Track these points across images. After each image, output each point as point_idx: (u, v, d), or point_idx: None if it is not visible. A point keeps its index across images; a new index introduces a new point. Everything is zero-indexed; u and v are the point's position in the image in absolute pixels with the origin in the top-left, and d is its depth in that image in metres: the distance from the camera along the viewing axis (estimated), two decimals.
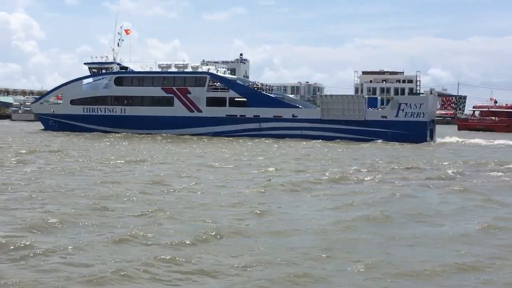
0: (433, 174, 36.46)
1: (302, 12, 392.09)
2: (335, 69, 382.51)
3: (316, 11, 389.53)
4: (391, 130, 74.64)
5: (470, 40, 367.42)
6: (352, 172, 36.09)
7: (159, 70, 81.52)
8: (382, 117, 76.04)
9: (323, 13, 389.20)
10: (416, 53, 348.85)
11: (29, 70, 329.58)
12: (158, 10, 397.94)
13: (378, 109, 79.16)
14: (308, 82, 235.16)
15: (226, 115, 78.38)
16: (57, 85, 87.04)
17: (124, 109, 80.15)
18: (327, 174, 34.53)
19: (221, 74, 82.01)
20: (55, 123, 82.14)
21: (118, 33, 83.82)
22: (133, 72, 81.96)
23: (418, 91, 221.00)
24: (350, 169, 37.69)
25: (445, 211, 23.57)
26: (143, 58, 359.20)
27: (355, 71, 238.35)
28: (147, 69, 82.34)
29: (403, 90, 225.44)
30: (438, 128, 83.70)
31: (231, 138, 73.08)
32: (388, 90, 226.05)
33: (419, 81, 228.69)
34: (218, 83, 79.66)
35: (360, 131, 75.36)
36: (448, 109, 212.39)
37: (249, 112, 77.94)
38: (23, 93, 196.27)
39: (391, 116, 75.54)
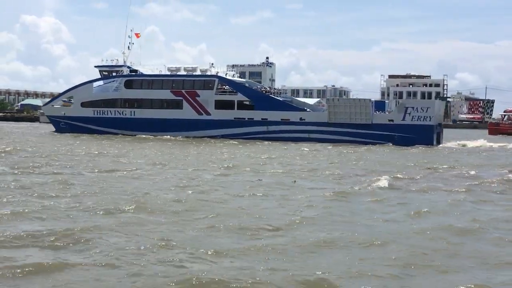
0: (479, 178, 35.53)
1: (329, 15, 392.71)
2: (361, 73, 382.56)
3: (343, 14, 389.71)
4: (397, 133, 74.77)
5: (498, 44, 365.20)
6: (399, 177, 35.24)
7: (169, 73, 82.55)
8: (389, 120, 76.19)
9: (350, 16, 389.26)
10: (443, 57, 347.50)
11: (58, 73, 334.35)
12: (186, 13, 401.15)
13: (385, 112, 79.17)
14: (334, 86, 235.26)
15: (234, 118, 79.14)
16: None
17: (134, 112, 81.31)
18: (379, 182, 32.34)
19: (230, 78, 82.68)
20: (66, 125, 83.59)
21: (129, 36, 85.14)
22: (142, 75, 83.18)
23: (445, 95, 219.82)
24: (392, 175, 36.12)
25: None
26: (170, 61, 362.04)
27: (382, 75, 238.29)
28: (157, 72, 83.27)
29: (430, 94, 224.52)
30: (467, 132, 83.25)
31: (271, 142, 73.11)
32: (414, 94, 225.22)
33: (446, 85, 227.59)
34: (227, 86, 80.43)
35: (366, 134, 75.64)
36: (476, 113, 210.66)
37: (257, 115, 78.63)
38: (52, 96, 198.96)
39: (398, 119, 75.64)
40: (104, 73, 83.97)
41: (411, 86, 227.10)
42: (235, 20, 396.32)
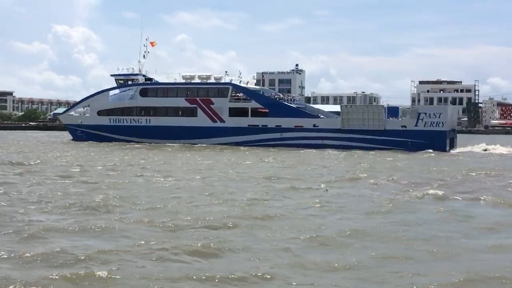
0: None
1: (358, 22, 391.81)
2: (391, 79, 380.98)
3: (372, 20, 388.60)
4: (410, 139, 74.70)
5: None
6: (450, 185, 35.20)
7: (183, 81, 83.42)
8: (402, 126, 76.15)
9: (379, 22, 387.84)
10: (475, 62, 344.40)
11: (89, 82, 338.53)
12: (215, 21, 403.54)
13: (399, 118, 79.15)
14: (364, 92, 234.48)
15: (248, 125, 79.75)
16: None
17: (149, 120, 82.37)
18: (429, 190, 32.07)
19: (244, 85, 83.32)
20: (82, 133, 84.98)
21: (144, 45, 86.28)
22: (158, 83, 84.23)
23: (476, 101, 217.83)
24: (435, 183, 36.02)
25: None
26: (200, 69, 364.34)
27: (412, 81, 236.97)
28: (172, 81, 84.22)
29: (461, 99, 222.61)
30: (499, 137, 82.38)
31: (297, 149, 73.24)
32: (445, 99, 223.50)
33: (478, 90, 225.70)
34: (241, 94, 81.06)
35: (380, 140, 75.70)
36: (508, 119, 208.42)
37: (271, 122, 79.16)
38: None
39: (411, 125, 75.57)
40: (120, 81, 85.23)
41: (442, 91, 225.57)
42: (265, 28, 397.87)
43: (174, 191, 30.02)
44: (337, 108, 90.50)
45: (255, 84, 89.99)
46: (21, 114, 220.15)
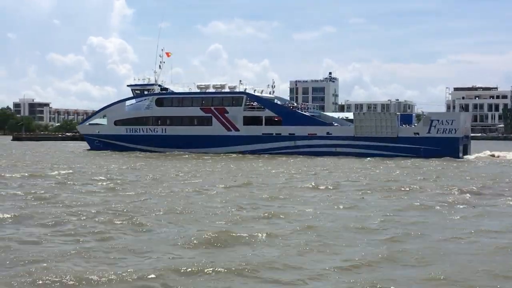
0: None
1: (392, 29, 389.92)
2: (426, 86, 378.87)
3: (406, 27, 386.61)
4: (423, 146, 74.75)
5: None
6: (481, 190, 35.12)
7: (198, 90, 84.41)
8: (415, 133, 76.20)
9: (413, 29, 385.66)
10: (510, 68, 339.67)
11: (124, 92, 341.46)
12: (249, 30, 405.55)
13: (412, 125, 79.07)
14: (398, 100, 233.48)
15: (263, 134, 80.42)
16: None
17: (165, 129, 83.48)
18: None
19: (258, 94, 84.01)
20: (100, 143, 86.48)
21: (160, 55, 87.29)
22: (173, 93, 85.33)
23: None
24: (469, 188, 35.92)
25: None
26: (232, 78, 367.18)
27: (447, 88, 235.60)
28: (187, 90, 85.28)
29: (497, 106, 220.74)
30: None
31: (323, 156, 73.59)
32: (481, 106, 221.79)
33: None
34: (255, 103, 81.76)
35: (392, 147, 75.89)
36: None
37: (285, 130, 79.78)
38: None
39: (423, 132, 75.60)
40: (136, 91, 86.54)
41: (477, 98, 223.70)
42: (298, 36, 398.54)
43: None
44: (351, 115, 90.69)
45: (285, 93, 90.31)
46: (57, 125, 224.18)
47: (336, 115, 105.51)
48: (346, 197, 31.81)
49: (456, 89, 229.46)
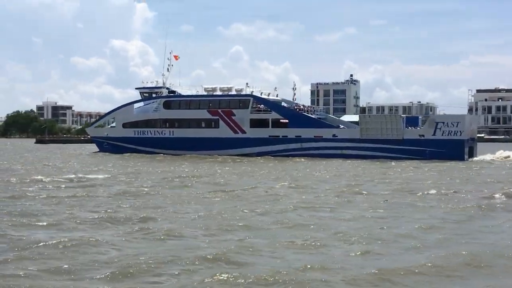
0: None
1: (413, 30, 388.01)
2: (448, 88, 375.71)
3: (428, 28, 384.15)
4: (428, 148, 74.82)
5: None
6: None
7: (205, 93, 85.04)
8: (420, 135, 76.25)
9: (435, 30, 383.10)
10: None
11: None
12: (270, 32, 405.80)
13: (417, 128, 79.09)
14: (420, 102, 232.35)
15: (269, 136, 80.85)
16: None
17: (173, 131, 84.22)
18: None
19: (264, 97, 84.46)
20: (108, 145, 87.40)
21: (168, 58, 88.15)
22: (180, 96, 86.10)
23: None
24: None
25: None
26: (253, 80, 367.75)
27: (469, 90, 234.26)
28: (194, 93, 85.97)
29: None
30: None
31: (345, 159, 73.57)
32: (504, 108, 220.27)
33: None
34: (262, 105, 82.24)
35: (398, 150, 76.05)
36: None
37: (291, 132, 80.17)
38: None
39: (429, 134, 75.69)
40: (144, 94, 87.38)
41: (500, 100, 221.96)
42: (320, 38, 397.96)
43: None
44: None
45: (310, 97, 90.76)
46: (79, 127, 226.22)
47: (344, 118, 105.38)
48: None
49: (478, 91, 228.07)
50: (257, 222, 24.29)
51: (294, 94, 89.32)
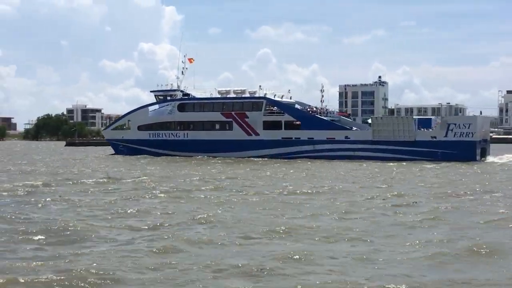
0: None
1: (443, 31, 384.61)
2: (478, 89, 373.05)
3: (458, 30, 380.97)
4: (440, 150, 74.89)
5: None
6: None
7: (219, 96, 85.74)
8: (432, 137, 76.31)
9: (465, 32, 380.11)
10: None
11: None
12: (298, 35, 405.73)
13: (430, 130, 79.00)
14: (449, 103, 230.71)
15: (282, 138, 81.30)
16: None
17: (187, 134, 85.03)
18: None
19: (278, 99, 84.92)
20: (124, 148, 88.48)
21: (182, 61, 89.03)
22: (195, 98, 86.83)
23: None
24: None
25: None
26: (281, 83, 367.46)
27: (499, 91, 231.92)
28: (208, 95, 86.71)
29: None
30: None
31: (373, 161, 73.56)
32: None
33: None
34: (275, 107, 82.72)
35: (410, 151, 76.22)
36: None
37: (304, 134, 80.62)
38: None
39: (441, 136, 75.75)
40: (159, 97, 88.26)
41: None
42: (348, 40, 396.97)
43: None
44: None
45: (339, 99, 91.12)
46: None
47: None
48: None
49: (509, 91, 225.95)
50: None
51: (322, 96, 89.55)
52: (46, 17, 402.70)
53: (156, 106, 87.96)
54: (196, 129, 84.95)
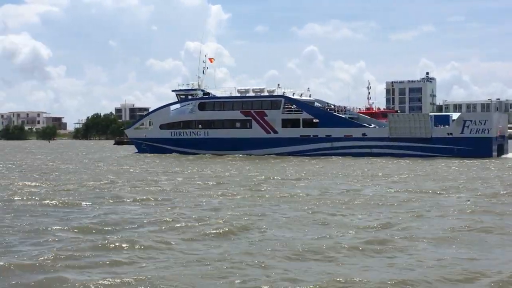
0: None
1: (493, 26, 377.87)
2: None
3: (508, 24, 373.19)
4: (457, 146, 74.91)
5: None
6: None
7: (238, 95, 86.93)
8: (448, 134, 76.33)
9: None
10: None
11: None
12: (345, 32, 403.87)
13: (446, 126, 78.83)
14: (499, 99, 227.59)
15: (300, 136, 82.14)
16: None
17: (207, 132, 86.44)
18: None
19: (296, 97, 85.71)
20: (147, 146, 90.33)
21: (203, 61, 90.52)
22: (215, 97, 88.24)
23: None
24: None
25: None
26: (328, 80, 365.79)
27: None
28: (228, 94, 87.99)
29: None
30: None
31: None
32: None
33: None
34: (293, 106, 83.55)
35: (426, 148, 76.52)
36: None
37: (321, 132, 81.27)
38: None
39: (457, 133, 75.73)
40: (181, 96, 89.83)
41: None
42: (396, 36, 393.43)
43: None
44: None
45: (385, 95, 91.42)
46: None
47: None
48: None
49: None
50: None
51: (369, 93, 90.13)
52: (94, 18, 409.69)
53: (178, 105, 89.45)
54: (217, 128, 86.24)
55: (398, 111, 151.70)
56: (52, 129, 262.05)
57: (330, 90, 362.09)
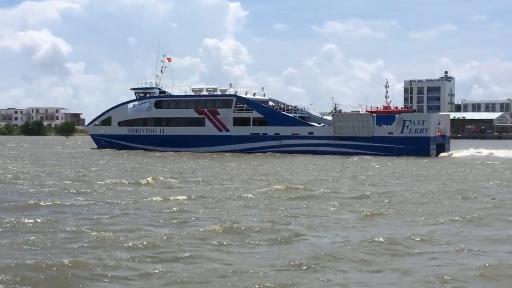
0: None
1: None
2: None
3: None
4: (397, 145, 77.14)
5: None
6: None
7: (193, 93, 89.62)
8: (389, 133, 78.67)
9: None
10: None
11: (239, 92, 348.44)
12: (365, 30, 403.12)
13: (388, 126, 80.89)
14: None
15: (250, 134, 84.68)
16: None
17: (163, 129, 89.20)
18: None
19: (249, 96, 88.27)
20: (106, 142, 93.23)
21: (161, 61, 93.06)
22: (170, 96, 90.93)
23: None
24: None
25: None
26: (348, 78, 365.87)
27: None
28: (183, 93, 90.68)
29: None
30: None
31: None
32: None
33: None
34: (244, 105, 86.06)
35: (369, 146, 78.69)
36: None
37: (271, 130, 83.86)
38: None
39: (397, 132, 78.09)
40: (140, 94, 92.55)
41: None
42: (416, 35, 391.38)
43: None
44: None
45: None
46: None
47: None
48: None
49: None
50: None
51: (387, 92, 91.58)
52: (113, 15, 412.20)
53: (136, 103, 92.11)
54: (172, 125, 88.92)
55: (415, 110, 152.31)
56: (70, 125, 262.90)
57: (348, 88, 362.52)
